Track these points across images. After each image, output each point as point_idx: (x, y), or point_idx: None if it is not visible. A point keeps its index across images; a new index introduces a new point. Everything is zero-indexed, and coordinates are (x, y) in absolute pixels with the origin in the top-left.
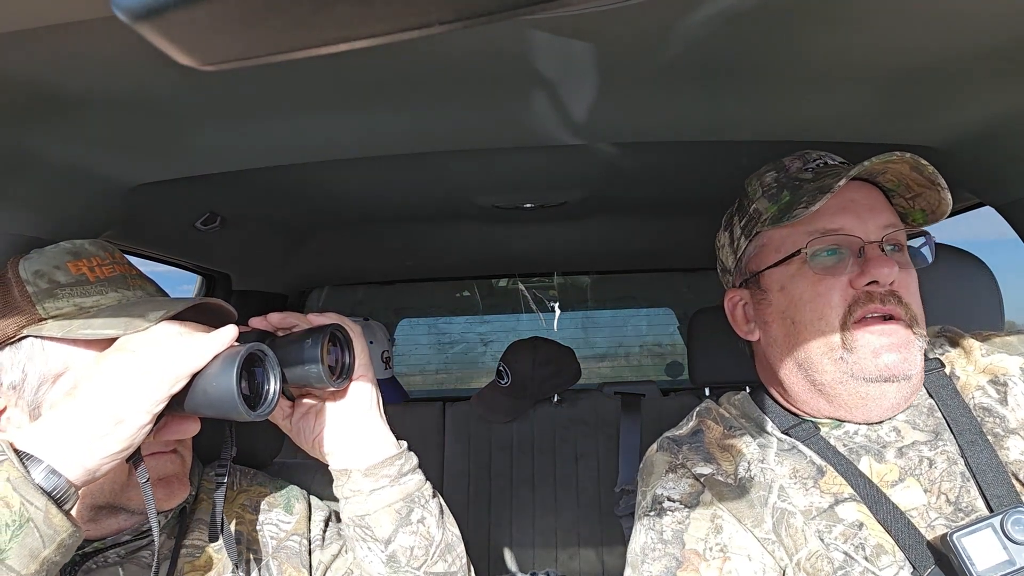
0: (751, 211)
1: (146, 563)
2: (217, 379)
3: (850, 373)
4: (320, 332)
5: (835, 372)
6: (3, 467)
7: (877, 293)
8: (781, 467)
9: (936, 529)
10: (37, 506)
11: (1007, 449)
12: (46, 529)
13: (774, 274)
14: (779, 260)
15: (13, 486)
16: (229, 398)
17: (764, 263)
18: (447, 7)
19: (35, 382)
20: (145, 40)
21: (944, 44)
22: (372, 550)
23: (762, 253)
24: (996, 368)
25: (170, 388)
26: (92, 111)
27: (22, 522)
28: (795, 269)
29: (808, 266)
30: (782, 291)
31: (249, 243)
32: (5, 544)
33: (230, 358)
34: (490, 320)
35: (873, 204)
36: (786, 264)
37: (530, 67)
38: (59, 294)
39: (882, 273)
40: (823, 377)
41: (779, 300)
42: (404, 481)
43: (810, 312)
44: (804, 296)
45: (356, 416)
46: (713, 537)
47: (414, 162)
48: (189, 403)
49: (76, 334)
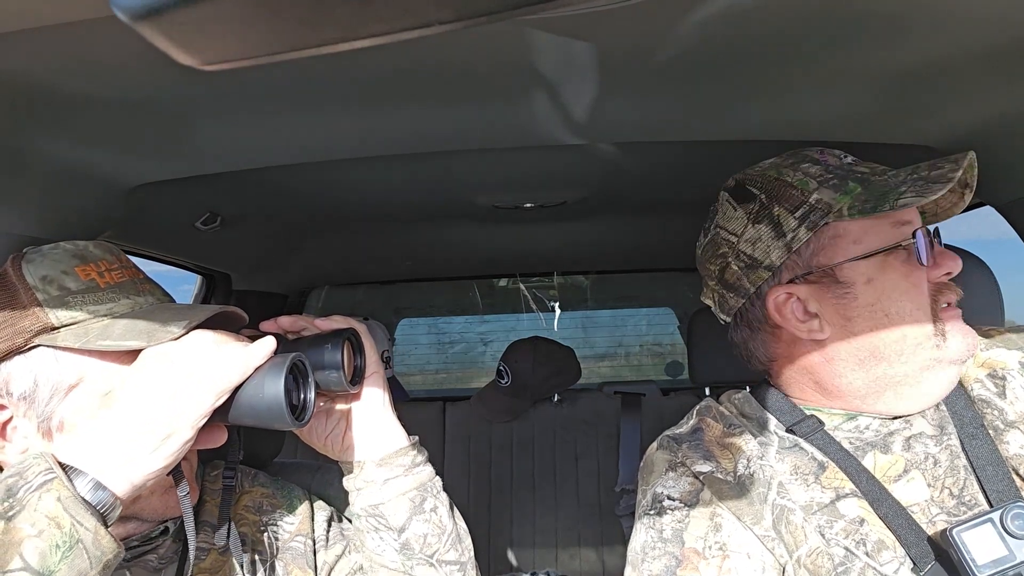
0: (811, 201)
1: (152, 567)
2: (264, 390)
3: (946, 359)
4: (338, 337)
5: (926, 360)
6: (53, 486)
7: (949, 283)
8: (781, 464)
9: (937, 524)
10: (87, 527)
11: (1007, 443)
12: (94, 551)
13: (858, 267)
14: (873, 251)
15: (64, 506)
16: (277, 408)
17: (842, 255)
18: (447, 7)
19: (47, 393)
20: (145, 40)
21: (944, 44)
22: (385, 539)
23: (837, 245)
24: (995, 362)
25: (216, 401)
26: (92, 111)
27: (72, 543)
28: (881, 260)
29: (909, 258)
30: (870, 283)
31: (249, 243)
32: (55, 566)
33: (276, 368)
34: (490, 320)
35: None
36: (868, 257)
37: (530, 67)
38: (71, 302)
39: (956, 264)
40: (909, 368)
41: (867, 293)
42: (417, 472)
43: (908, 302)
44: (899, 287)
45: (369, 413)
46: (713, 535)
47: (414, 162)
48: (233, 414)
49: (95, 345)
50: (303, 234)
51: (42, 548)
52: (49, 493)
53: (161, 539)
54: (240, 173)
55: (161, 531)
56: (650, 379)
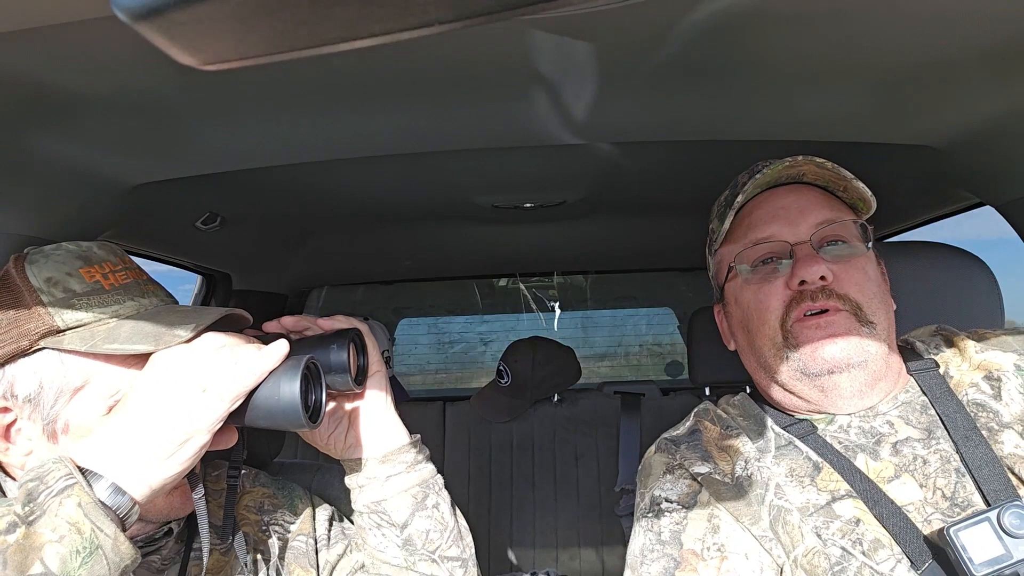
0: (710, 231)
1: (155, 568)
2: (280, 392)
3: (800, 370)
4: (342, 338)
5: (788, 371)
6: (74, 491)
7: (808, 291)
8: (778, 466)
9: (933, 524)
10: (107, 533)
11: (1001, 443)
12: (113, 556)
13: (729, 288)
14: (726, 275)
15: (84, 511)
16: (293, 411)
17: (721, 279)
18: (447, 7)
19: (52, 396)
20: (145, 40)
21: (944, 44)
22: (387, 536)
23: (720, 269)
24: (990, 364)
25: (232, 405)
26: (92, 111)
27: (92, 549)
28: (741, 281)
29: (741, 277)
30: (736, 303)
31: (249, 243)
32: (75, 571)
33: (290, 371)
34: (490, 320)
35: (805, 205)
36: (732, 278)
37: (529, 67)
38: (76, 304)
39: (808, 271)
40: (781, 377)
41: (735, 311)
42: (419, 468)
43: (756, 319)
44: (750, 304)
45: (371, 411)
46: (711, 537)
47: (414, 162)
48: (249, 416)
49: (102, 349)
50: (303, 234)
51: (63, 554)
52: (70, 499)
53: (164, 540)
54: (240, 173)
55: (164, 532)
56: (650, 379)
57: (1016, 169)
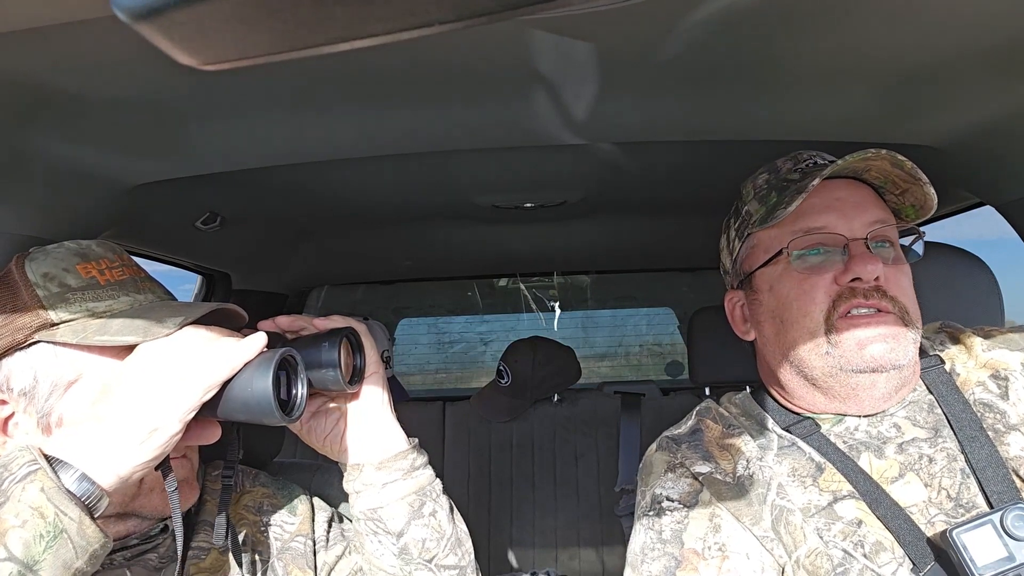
0: (744, 213)
1: (152, 566)
2: (252, 384)
3: (839, 366)
4: (335, 336)
5: (824, 366)
6: (36, 476)
7: (861, 289)
8: (780, 465)
9: (936, 526)
10: (71, 517)
11: (1007, 445)
12: (79, 540)
13: (764, 274)
14: (767, 260)
15: (47, 496)
16: (265, 403)
17: (755, 264)
18: (447, 7)
19: (46, 389)
20: (145, 40)
21: (944, 44)
22: (383, 543)
23: (753, 254)
24: (997, 363)
25: (204, 395)
26: (92, 111)
27: (56, 533)
28: (781, 269)
29: (792, 265)
30: (771, 291)
31: (249, 243)
32: (39, 555)
33: (264, 363)
34: (490, 320)
35: (860, 201)
36: (773, 264)
37: (530, 67)
38: (71, 298)
39: (866, 270)
40: (813, 372)
41: (768, 300)
42: (416, 475)
43: (796, 310)
44: (790, 295)
45: (368, 414)
46: (712, 536)
47: (414, 162)
48: (223, 409)
49: (92, 340)
50: (303, 234)
51: (26, 538)
52: (33, 483)
53: (161, 537)
54: (240, 173)
55: (161, 529)
56: (650, 379)
57: (1016, 169)
